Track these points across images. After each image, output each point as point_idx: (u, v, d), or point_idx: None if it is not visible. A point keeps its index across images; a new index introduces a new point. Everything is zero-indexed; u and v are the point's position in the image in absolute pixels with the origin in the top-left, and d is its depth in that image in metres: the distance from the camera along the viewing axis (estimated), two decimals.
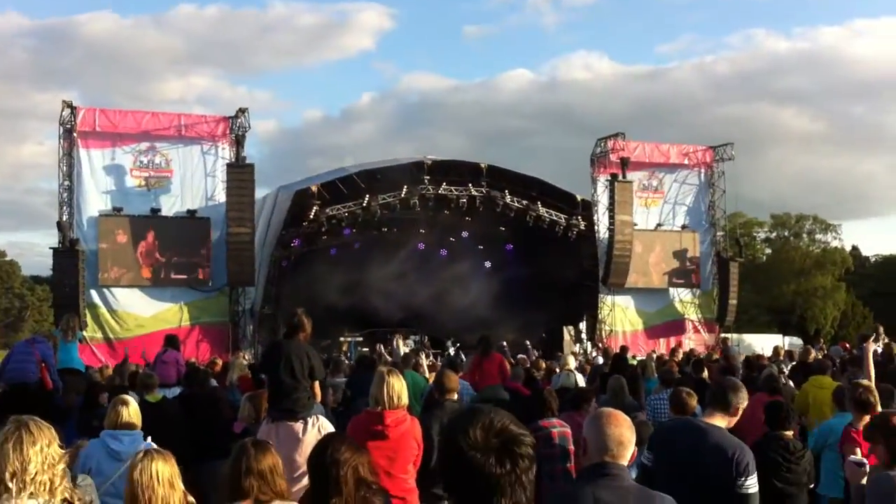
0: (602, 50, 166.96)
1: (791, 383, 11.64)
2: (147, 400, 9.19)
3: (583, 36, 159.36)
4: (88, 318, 24.42)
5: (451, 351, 25.90)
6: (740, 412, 5.40)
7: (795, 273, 59.46)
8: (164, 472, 4.43)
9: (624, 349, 19.70)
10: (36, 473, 3.32)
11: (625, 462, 3.88)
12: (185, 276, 25.88)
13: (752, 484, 5.03)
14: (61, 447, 3.51)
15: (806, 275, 59.13)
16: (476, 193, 29.40)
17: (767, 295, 57.48)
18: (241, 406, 8.73)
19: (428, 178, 28.92)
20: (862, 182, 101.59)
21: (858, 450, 5.81)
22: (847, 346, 18.61)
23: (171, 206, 25.91)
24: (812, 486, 7.48)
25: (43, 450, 3.35)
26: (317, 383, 7.58)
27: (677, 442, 5.22)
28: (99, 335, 24.82)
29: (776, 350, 19.04)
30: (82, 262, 24.12)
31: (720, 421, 5.31)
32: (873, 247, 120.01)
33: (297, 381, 7.25)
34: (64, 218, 24.74)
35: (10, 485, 3.29)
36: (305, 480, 4.63)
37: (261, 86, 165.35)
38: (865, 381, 7.54)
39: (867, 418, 6.88)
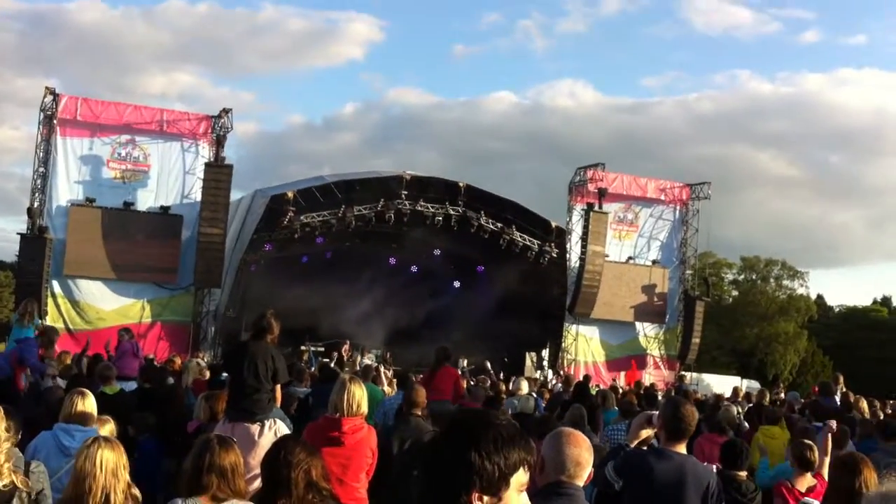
0: (587, 79, 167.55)
1: (746, 424, 11.72)
2: (104, 391, 9.10)
3: (570, 64, 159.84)
4: (50, 307, 24.23)
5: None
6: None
7: (759, 317, 59.92)
8: (110, 461, 4.38)
9: (587, 378, 19.77)
10: None
11: (581, 482, 3.89)
12: (151, 273, 25.66)
13: None
14: (8, 430, 3.44)
15: (770, 319, 59.58)
16: (452, 212, 29.42)
17: (730, 336, 57.90)
18: (196, 405, 8.65)
19: (406, 193, 28.88)
20: (833, 231, 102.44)
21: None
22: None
23: (145, 200, 25.75)
24: None
25: None
26: (279, 387, 7.53)
27: (655, 470, 5.25)
28: (59, 325, 24.46)
29: (735, 391, 19.18)
30: (49, 250, 23.90)
31: (683, 448, 5.38)
32: (839, 297, 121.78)
33: (259, 383, 7.20)
34: (35, 205, 24.53)
35: None
36: (258, 483, 4.59)
37: (244, 87, 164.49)
38: (809, 441, 7.60)
39: (808, 476, 7.02)
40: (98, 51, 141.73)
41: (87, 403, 6.41)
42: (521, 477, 2.52)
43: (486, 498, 2.45)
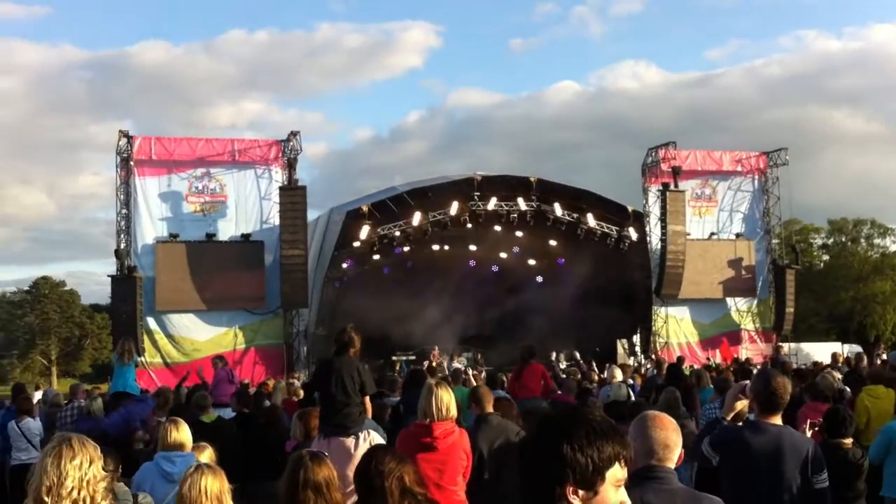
0: (649, 58, 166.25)
1: (848, 390, 11.42)
2: (202, 420, 9.30)
3: (629, 45, 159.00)
4: (147, 344, 24.87)
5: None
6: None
7: (854, 279, 58.24)
8: (213, 488, 4.46)
9: (680, 360, 19.50)
10: (72, 489, 3.31)
11: (672, 465, 3.86)
12: (240, 300, 26.16)
13: (826, 478, 5.19)
14: (107, 470, 3.52)
15: (865, 280, 57.87)
16: (526, 208, 29.38)
17: (826, 302, 56.36)
18: (292, 424, 8.80)
19: (478, 194, 28.98)
20: None
21: None
22: None
23: (226, 230, 26.28)
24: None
25: (82, 466, 3.34)
26: (368, 398, 7.61)
27: (751, 444, 5.22)
28: (157, 360, 25.24)
29: (835, 356, 18.68)
30: (140, 288, 24.56)
31: (779, 420, 5.31)
32: None
33: (348, 397, 7.29)
34: (121, 246, 25.22)
35: (45, 499, 3.29)
36: None
37: (311, 108, 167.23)
38: None
39: None
40: (165, 89, 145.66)
41: (182, 431, 6.59)
42: (616, 472, 2.51)
43: (581, 492, 2.45)
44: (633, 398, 11.80)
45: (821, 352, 30.37)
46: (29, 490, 3.37)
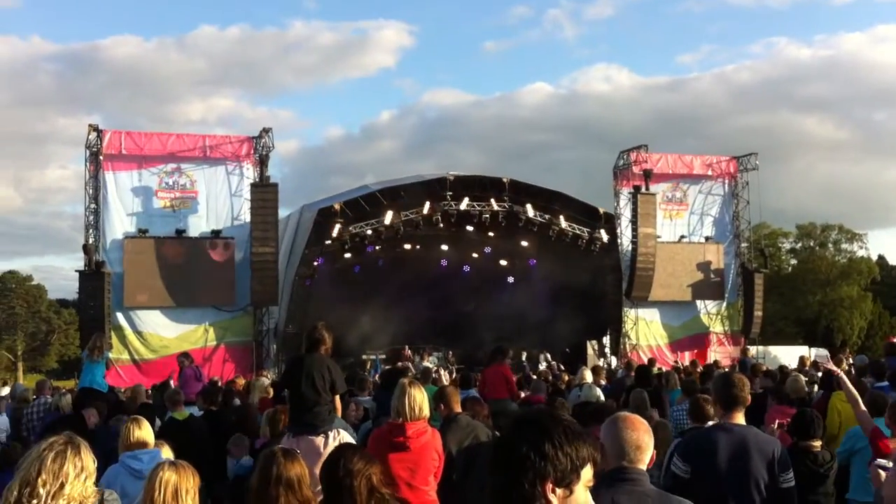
0: (621, 62, 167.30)
1: (820, 391, 11.53)
2: (174, 417, 9.24)
3: (602, 49, 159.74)
4: (114, 340, 24.60)
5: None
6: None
7: (821, 283, 58.92)
8: (170, 483, 4.41)
9: (651, 362, 19.59)
10: (69, 494, 3.30)
11: (643, 466, 3.87)
12: (209, 297, 25.97)
13: (791, 477, 5.26)
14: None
15: (832, 285, 58.57)
16: (498, 208, 29.40)
17: (793, 306, 56.97)
18: (262, 422, 8.74)
19: (450, 193, 28.95)
20: (888, 190, 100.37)
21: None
22: None
23: (196, 226, 26.07)
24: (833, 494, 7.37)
25: (79, 476, 3.34)
26: (338, 397, 7.57)
27: (718, 448, 5.25)
28: (125, 356, 24.98)
29: (802, 360, 18.85)
30: (108, 284, 24.28)
31: (742, 418, 5.35)
32: None
33: (318, 395, 7.24)
34: (90, 241, 24.93)
35: (40, 491, 3.28)
36: None
37: (282, 105, 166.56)
38: None
39: None
40: (136, 83, 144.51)
41: (144, 428, 6.51)
42: (588, 472, 2.59)
43: (558, 490, 2.51)
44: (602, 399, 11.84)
45: (788, 355, 30.58)
46: (16, 475, 3.33)
